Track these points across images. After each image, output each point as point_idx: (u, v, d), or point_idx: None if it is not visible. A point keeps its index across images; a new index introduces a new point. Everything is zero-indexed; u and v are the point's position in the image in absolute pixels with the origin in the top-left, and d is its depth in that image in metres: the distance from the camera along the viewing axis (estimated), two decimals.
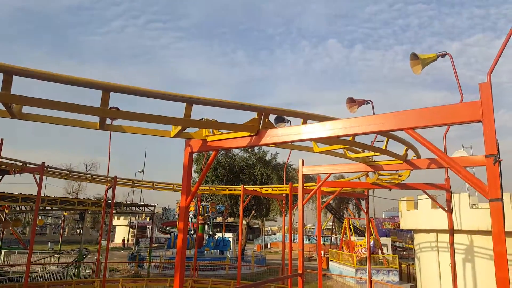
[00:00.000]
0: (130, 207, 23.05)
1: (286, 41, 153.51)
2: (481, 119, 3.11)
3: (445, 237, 11.12)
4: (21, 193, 15.26)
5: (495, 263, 2.83)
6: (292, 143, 5.46)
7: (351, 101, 7.04)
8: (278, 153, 36.68)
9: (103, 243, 17.38)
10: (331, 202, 35.94)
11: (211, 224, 32.70)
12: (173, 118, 4.10)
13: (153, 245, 27.33)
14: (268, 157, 36.17)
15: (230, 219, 48.07)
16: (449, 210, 8.85)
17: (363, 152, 6.31)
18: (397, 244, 36.70)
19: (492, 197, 2.90)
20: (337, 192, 9.24)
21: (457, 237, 11.05)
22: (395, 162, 6.42)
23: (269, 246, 52.80)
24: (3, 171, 10.40)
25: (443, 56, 6.66)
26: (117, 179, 12.78)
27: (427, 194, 8.80)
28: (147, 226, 50.22)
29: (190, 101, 3.93)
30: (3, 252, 24.61)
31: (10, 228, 26.76)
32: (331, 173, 7.11)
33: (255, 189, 15.81)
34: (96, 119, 4.13)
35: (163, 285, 14.08)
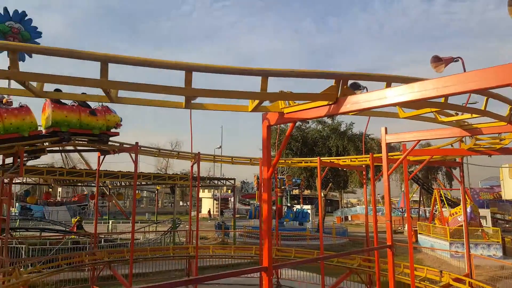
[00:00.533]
0: (213, 181, 24.46)
1: (356, 2, 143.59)
2: None
3: None
4: (120, 171, 17.16)
5: None
6: (375, 110, 5.16)
7: (437, 60, 6.28)
8: (354, 122, 35.17)
9: (193, 213, 18.81)
10: (417, 172, 33.78)
11: (288, 197, 33.30)
12: (251, 92, 4.15)
13: (236, 215, 28.86)
14: (343, 128, 35.01)
15: (306, 192, 48.34)
16: None
17: (457, 114, 5.72)
18: (498, 216, 33.24)
19: None
20: (427, 161, 8.58)
21: None
22: (497, 124, 5.68)
23: (349, 219, 52.11)
24: (104, 151, 11.74)
25: None
26: (200, 155, 13.53)
27: None
28: (229, 198, 53.14)
29: (265, 74, 3.92)
30: (110, 222, 28.26)
31: (114, 201, 30.48)
32: (419, 140, 6.61)
33: (332, 160, 15.48)
34: (180, 99, 4.38)
35: (249, 252, 14.82)
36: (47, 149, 11.05)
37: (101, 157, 12.09)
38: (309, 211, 30.53)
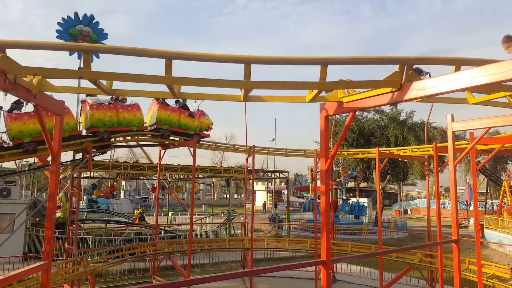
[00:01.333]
0: (267, 174, 24.64)
1: None
2: None
3: None
4: (179, 164, 17.89)
5: None
6: (441, 96, 4.85)
7: (509, 40, 5.74)
8: (414, 111, 33.54)
9: (248, 206, 19.13)
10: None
11: (343, 189, 32.57)
12: (309, 82, 4.10)
13: (290, 208, 28.86)
14: (402, 117, 33.43)
15: (363, 184, 46.92)
16: None
17: None
18: None
19: None
20: (497, 150, 7.90)
21: None
22: None
23: (409, 212, 49.79)
24: (165, 145, 12.34)
25: None
26: (255, 148, 13.69)
27: None
28: (282, 191, 53.28)
29: (324, 63, 3.85)
30: (170, 214, 29.66)
31: (173, 194, 31.96)
32: (489, 128, 6.11)
33: (391, 151, 14.85)
34: (238, 91, 4.45)
35: (304, 246, 14.73)
36: (113, 144, 11.85)
37: (162, 151, 12.70)
38: (365, 204, 29.65)
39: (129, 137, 11.37)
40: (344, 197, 30.91)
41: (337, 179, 27.47)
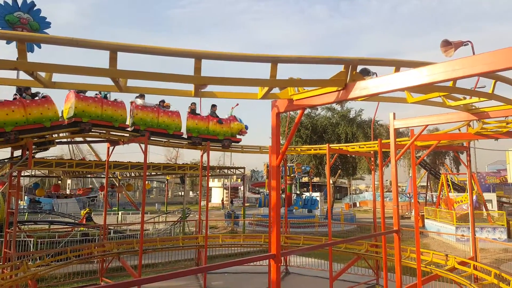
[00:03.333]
0: (223, 170, 24.57)
1: None
2: None
3: None
4: (129, 161, 17.23)
5: None
6: (383, 95, 5.15)
7: (447, 44, 6.20)
8: (363, 109, 35.20)
9: (203, 203, 18.96)
10: (425, 157, 33.76)
11: (297, 184, 33.43)
12: (260, 79, 4.17)
13: (246, 204, 29.04)
14: (352, 115, 34.92)
15: (316, 179, 48.44)
16: None
17: (465, 98, 5.69)
18: (504, 199, 33.25)
19: None
20: (434, 146, 8.55)
21: None
22: (504, 107, 5.66)
23: (358, 205, 52.26)
24: (114, 142, 11.83)
25: None
26: (210, 144, 13.55)
27: None
28: (239, 187, 53.44)
29: (274, 61, 3.93)
30: (120, 213, 28.56)
31: (123, 192, 30.78)
32: (427, 125, 6.60)
33: (341, 147, 15.46)
34: (190, 87, 4.41)
35: (259, 241, 14.92)
36: (56, 140, 11.16)
37: (111, 148, 12.19)
38: (318, 198, 30.68)
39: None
40: (298, 192, 31.71)
41: (292, 175, 28.14)
